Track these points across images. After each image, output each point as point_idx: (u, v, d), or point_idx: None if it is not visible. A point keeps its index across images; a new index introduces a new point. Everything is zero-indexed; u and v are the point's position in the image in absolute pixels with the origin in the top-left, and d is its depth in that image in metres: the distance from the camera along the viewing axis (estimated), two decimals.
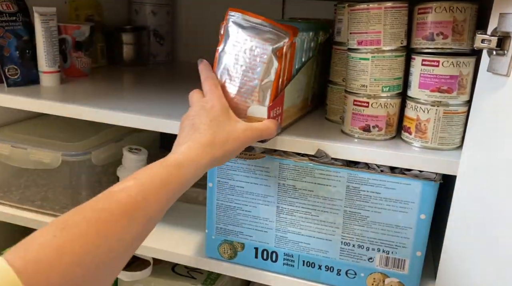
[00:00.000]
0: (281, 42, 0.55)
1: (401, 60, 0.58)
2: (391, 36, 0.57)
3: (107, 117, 0.67)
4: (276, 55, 0.55)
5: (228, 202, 0.65)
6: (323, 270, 0.63)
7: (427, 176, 0.56)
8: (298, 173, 0.60)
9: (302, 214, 0.62)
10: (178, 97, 0.79)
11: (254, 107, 0.56)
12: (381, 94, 0.59)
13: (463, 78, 0.55)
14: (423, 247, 0.58)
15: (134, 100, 0.76)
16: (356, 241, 0.60)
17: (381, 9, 0.56)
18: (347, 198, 0.59)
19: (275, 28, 0.55)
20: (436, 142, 0.57)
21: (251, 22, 0.56)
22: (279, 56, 0.55)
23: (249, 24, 0.56)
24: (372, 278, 0.61)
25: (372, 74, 0.58)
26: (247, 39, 0.56)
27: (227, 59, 0.57)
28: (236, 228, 0.66)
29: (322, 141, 0.59)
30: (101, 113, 0.67)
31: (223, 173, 0.64)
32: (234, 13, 0.57)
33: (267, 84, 0.56)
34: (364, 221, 0.59)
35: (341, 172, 0.58)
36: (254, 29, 0.56)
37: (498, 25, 0.48)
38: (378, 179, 0.57)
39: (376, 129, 0.60)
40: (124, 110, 0.67)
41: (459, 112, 0.57)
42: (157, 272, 0.79)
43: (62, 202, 0.77)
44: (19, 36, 0.79)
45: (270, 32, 0.55)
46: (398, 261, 0.59)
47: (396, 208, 0.57)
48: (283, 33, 0.55)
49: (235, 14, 0.57)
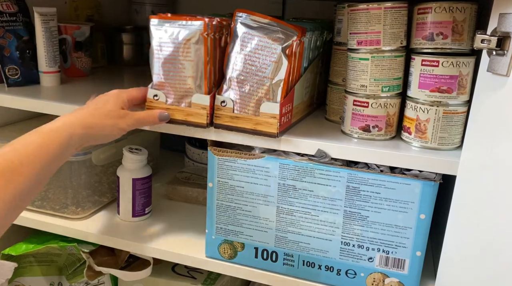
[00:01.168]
0: (290, 41, 0.56)
1: (401, 60, 0.58)
2: (391, 36, 0.57)
3: None
4: (285, 54, 0.56)
5: (228, 202, 0.65)
6: (323, 270, 0.63)
7: (427, 176, 0.56)
8: (298, 173, 0.60)
9: (302, 214, 0.62)
10: None
11: (266, 104, 0.57)
12: (381, 95, 0.59)
13: (463, 78, 0.55)
14: (423, 247, 0.58)
15: None
16: (356, 241, 0.60)
17: (381, 10, 0.56)
18: (347, 198, 0.59)
19: (284, 28, 0.56)
20: (436, 142, 0.57)
21: (259, 22, 0.57)
22: (288, 55, 0.56)
23: (257, 24, 0.57)
24: (372, 278, 0.61)
25: (372, 74, 0.58)
26: (256, 39, 0.57)
27: (237, 60, 0.58)
28: (236, 228, 0.66)
29: (322, 142, 0.59)
30: None
31: (223, 173, 0.64)
32: (241, 14, 0.58)
33: (278, 82, 0.57)
34: (364, 221, 0.59)
35: (341, 171, 0.58)
36: (263, 29, 0.57)
37: (498, 25, 0.48)
38: (378, 179, 0.57)
39: (376, 130, 0.60)
40: None
41: (459, 112, 0.57)
42: (157, 271, 0.79)
43: (62, 202, 0.77)
44: (19, 36, 0.79)
45: (279, 31, 0.56)
46: (398, 261, 0.59)
47: (396, 208, 0.57)
48: (291, 32, 0.56)
49: (242, 14, 0.57)
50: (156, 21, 0.60)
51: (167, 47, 0.59)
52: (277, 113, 0.57)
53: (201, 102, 0.60)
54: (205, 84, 0.59)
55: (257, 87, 0.58)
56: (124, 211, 0.77)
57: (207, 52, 0.58)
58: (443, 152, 0.57)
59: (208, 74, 0.59)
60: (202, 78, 0.59)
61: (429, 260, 0.69)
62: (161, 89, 0.61)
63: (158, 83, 0.61)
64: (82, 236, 0.75)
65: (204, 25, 0.57)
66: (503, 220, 0.50)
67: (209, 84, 0.60)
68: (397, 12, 0.57)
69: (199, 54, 0.58)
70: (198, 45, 0.58)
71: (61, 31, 0.87)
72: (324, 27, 0.69)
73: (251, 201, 0.64)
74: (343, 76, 0.66)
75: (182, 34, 0.58)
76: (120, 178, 0.76)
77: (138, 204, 0.77)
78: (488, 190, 0.51)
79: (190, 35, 0.58)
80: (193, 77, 0.59)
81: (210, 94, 0.60)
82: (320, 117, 0.72)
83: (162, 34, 0.60)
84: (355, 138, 0.61)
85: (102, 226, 0.76)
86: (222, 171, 0.64)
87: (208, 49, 0.58)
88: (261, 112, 0.58)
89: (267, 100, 0.58)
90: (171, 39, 0.59)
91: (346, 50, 0.62)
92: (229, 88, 0.59)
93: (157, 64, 0.61)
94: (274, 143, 0.60)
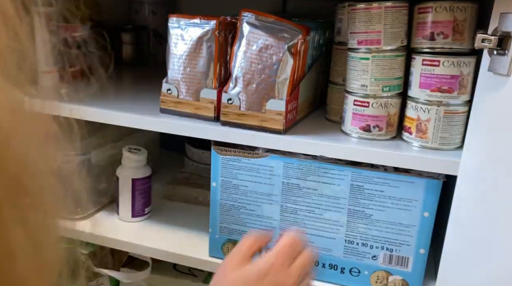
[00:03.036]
0: (295, 40, 0.57)
1: (401, 60, 0.59)
2: (392, 36, 0.57)
3: (107, 117, 0.67)
4: (291, 52, 0.57)
5: (232, 201, 0.65)
6: (327, 268, 0.63)
7: (431, 174, 0.56)
8: (302, 171, 0.60)
9: (306, 213, 0.62)
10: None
11: (272, 101, 0.59)
12: (382, 94, 0.59)
13: (464, 78, 0.55)
14: (426, 245, 0.58)
15: (134, 100, 0.75)
16: (360, 239, 0.61)
17: (381, 9, 0.56)
18: (351, 196, 0.59)
19: (289, 27, 0.58)
20: (436, 142, 0.57)
21: (265, 21, 0.59)
22: (294, 54, 0.58)
23: (262, 24, 0.59)
24: (376, 276, 0.62)
25: (372, 74, 0.58)
26: (261, 38, 0.58)
27: (243, 58, 0.60)
28: (240, 227, 0.66)
29: (322, 142, 0.59)
30: (101, 113, 0.67)
31: (227, 172, 0.64)
32: (247, 14, 0.59)
33: (283, 80, 0.59)
34: (368, 219, 0.60)
35: (345, 170, 0.59)
36: (268, 28, 0.58)
37: (498, 24, 0.48)
38: (382, 177, 0.57)
39: (377, 130, 0.60)
40: (124, 110, 0.67)
41: (460, 112, 0.57)
42: (158, 270, 0.79)
43: None
44: None
45: (284, 30, 0.58)
46: (401, 259, 0.60)
47: (399, 206, 0.58)
48: (297, 31, 0.58)
49: (248, 14, 0.59)
50: (174, 20, 0.64)
51: (182, 44, 0.63)
52: (283, 110, 0.58)
53: (209, 97, 0.63)
54: (215, 80, 0.63)
55: (263, 85, 0.59)
56: (123, 211, 0.77)
57: (218, 50, 0.62)
58: (444, 152, 0.57)
59: (218, 70, 0.63)
60: (212, 74, 0.63)
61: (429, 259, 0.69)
62: (174, 84, 0.65)
63: (172, 78, 0.65)
64: (82, 236, 0.74)
65: (216, 24, 0.61)
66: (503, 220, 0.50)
67: (218, 80, 0.63)
68: (398, 11, 0.57)
69: (211, 51, 0.62)
70: (210, 43, 0.62)
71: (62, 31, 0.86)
72: (328, 26, 0.70)
73: (255, 200, 0.64)
74: (343, 76, 0.67)
75: (197, 32, 0.62)
76: (120, 178, 0.76)
77: (137, 204, 0.77)
78: (488, 190, 0.52)
79: (203, 33, 0.61)
80: (204, 73, 0.63)
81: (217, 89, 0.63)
82: (320, 117, 0.72)
83: (178, 32, 0.64)
84: (355, 138, 0.61)
85: (101, 226, 0.75)
86: (226, 170, 0.64)
87: (218, 47, 0.62)
88: (267, 109, 0.59)
89: (273, 97, 0.59)
90: (186, 36, 0.63)
91: (346, 49, 0.62)
92: (235, 86, 0.61)
93: (172, 60, 0.65)
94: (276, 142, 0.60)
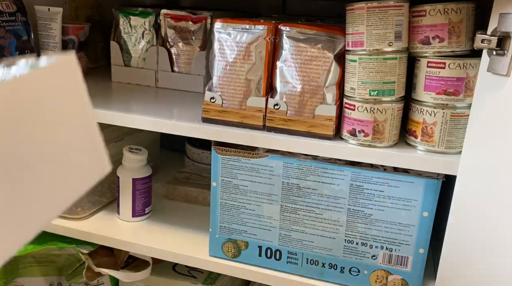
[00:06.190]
0: (340, 47, 0.58)
1: (393, 63, 0.55)
2: (376, 38, 0.54)
3: (107, 117, 0.67)
4: (337, 60, 0.58)
5: (232, 200, 0.65)
6: (327, 267, 0.63)
7: (430, 174, 0.56)
8: (302, 171, 0.60)
9: (306, 212, 0.62)
10: (178, 97, 0.79)
11: (322, 107, 0.58)
12: (368, 98, 0.56)
13: (470, 80, 0.54)
14: (426, 244, 0.59)
15: (134, 100, 0.76)
16: (359, 239, 0.61)
17: (363, 9, 0.54)
18: (350, 196, 0.59)
19: (331, 35, 0.58)
20: (443, 146, 0.56)
21: (307, 34, 0.58)
22: (339, 60, 0.58)
23: (305, 36, 0.58)
24: (376, 276, 0.62)
25: (360, 77, 0.56)
26: (306, 50, 0.58)
27: (288, 72, 0.59)
28: (240, 227, 0.66)
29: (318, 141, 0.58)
30: (101, 113, 0.67)
31: (227, 172, 0.64)
32: (285, 28, 0.59)
33: (330, 87, 0.58)
34: (367, 219, 0.60)
35: (345, 170, 0.59)
36: (311, 40, 0.58)
37: (498, 25, 0.48)
38: (382, 177, 0.58)
39: (362, 135, 0.57)
40: (124, 110, 0.67)
41: (466, 115, 0.55)
42: (157, 271, 0.79)
43: None
44: (19, 37, 0.79)
45: (327, 40, 0.58)
46: (401, 259, 0.60)
47: (399, 206, 0.58)
48: (338, 38, 0.58)
49: (287, 28, 0.59)
50: (220, 25, 0.61)
51: (229, 50, 0.61)
52: (333, 115, 0.58)
53: (257, 105, 0.61)
54: (264, 87, 0.61)
55: (311, 94, 0.59)
56: (124, 211, 0.77)
57: (268, 56, 0.60)
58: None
59: (267, 77, 0.61)
60: (262, 81, 0.61)
61: (429, 259, 0.69)
62: (218, 92, 0.62)
63: (217, 85, 0.62)
64: (82, 236, 0.74)
65: (267, 29, 0.59)
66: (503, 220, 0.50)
67: (266, 88, 0.61)
68: (382, 12, 0.53)
69: (261, 57, 0.60)
70: (260, 49, 0.60)
71: (67, 32, 0.86)
72: None
73: (255, 199, 0.64)
74: None
75: (246, 38, 0.60)
76: (120, 178, 0.76)
77: (138, 204, 0.77)
78: (488, 190, 0.52)
79: (253, 39, 0.60)
80: (253, 80, 0.61)
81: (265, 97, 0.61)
82: None
83: (225, 37, 0.61)
84: (345, 141, 0.59)
85: (102, 226, 0.75)
86: (226, 170, 0.64)
87: (269, 53, 0.60)
88: (316, 114, 0.58)
89: (320, 103, 0.58)
90: (234, 42, 0.61)
91: None
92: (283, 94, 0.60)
93: (218, 67, 0.62)
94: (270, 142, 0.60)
